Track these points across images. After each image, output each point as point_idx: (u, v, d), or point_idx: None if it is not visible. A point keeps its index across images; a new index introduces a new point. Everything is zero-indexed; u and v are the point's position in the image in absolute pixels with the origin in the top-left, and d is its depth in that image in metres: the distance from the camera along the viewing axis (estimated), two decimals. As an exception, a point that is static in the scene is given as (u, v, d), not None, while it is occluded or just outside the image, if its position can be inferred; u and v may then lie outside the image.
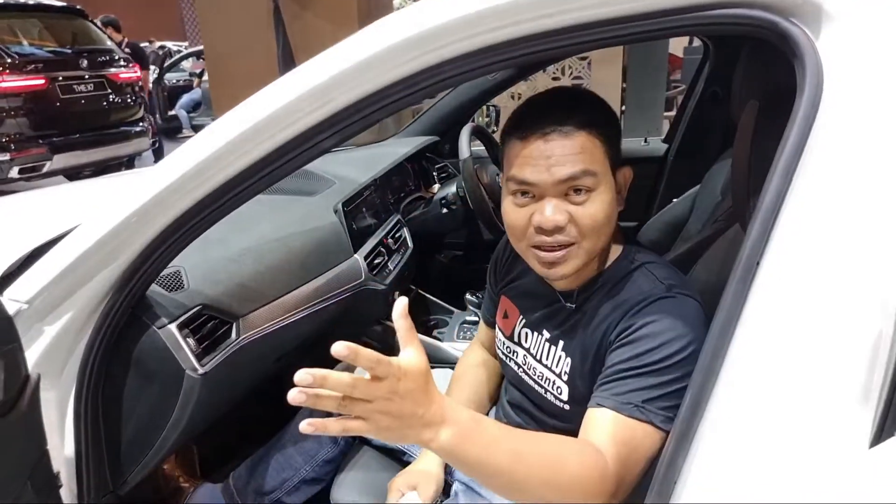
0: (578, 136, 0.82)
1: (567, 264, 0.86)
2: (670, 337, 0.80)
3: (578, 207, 0.83)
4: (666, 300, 0.84)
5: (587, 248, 0.85)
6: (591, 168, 0.82)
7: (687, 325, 0.81)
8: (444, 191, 2.02)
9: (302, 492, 1.33)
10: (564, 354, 0.93)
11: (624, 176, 0.90)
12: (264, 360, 1.29)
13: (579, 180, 0.82)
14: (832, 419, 0.59)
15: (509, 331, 1.06)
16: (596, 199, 0.83)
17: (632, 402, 0.78)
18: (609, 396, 0.80)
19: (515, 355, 1.05)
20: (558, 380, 0.94)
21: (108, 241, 0.83)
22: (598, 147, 0.83)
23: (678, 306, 0.83)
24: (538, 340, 0.99)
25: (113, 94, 5.56)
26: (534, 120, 0.84)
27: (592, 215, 0.83)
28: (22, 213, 1.61)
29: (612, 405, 0.79)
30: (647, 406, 0.78)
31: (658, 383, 0.79)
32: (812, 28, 0.62)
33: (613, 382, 0.81)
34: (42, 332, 0.87)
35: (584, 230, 0.83)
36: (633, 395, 0.79)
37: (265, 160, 0.80)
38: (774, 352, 0.62)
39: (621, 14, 0.68)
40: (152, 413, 1.01)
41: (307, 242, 1.42)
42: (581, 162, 0.81)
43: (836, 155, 0.60)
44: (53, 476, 0.84)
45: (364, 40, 0.74)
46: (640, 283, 0.87)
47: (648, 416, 0.77)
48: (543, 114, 0.84)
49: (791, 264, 0.61)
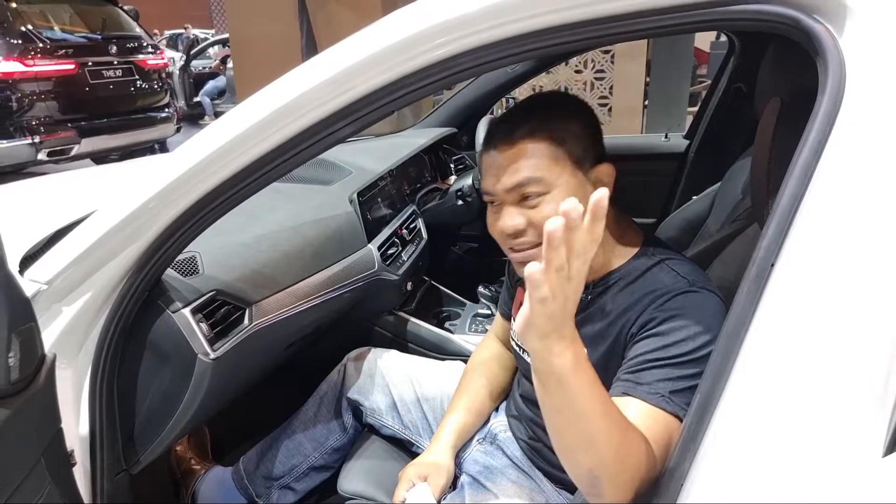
0: (521, 144, 0.85)
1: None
2: (695, 331, 0.80)
3: (532, 211, 0.86)
4: (690, 294, 0.84)
5: None
6: (535, 175, 0.85)
7: (711, 321, 0.80)
8: (460, 182, 2.01)
9: (310, 478, 1.35)
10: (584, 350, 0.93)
11: (604, 173, 0.89)
12: (276, 347, 1.31)
13: (525, 187, 0.85)
14: (845, 426, 0.58)
15: None
16: (550, 202, 0.85)
17: (660, 392, 0.78)
18: (636, 386, 0.80)
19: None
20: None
21: (126, 225, 0.85)
22: (546, 153, 0.85)
23: (702, 301, 0.83)
24: None
25: (140, 80, 5.65)
26: (492, 132, 0.90)
27: (545, 218, 0.82)
28: (47, 196, 1.64)
29: (640, 395, 0.78)
30: (673, 398, 0.77)
31: (683, 376, 0.78)
32: (835, 25, 0.60)
33: (640, 373, 0.81)
34: (60, 312, 0.88)
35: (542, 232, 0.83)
36: (661, 386, 0.78)
37: (282, 148, 0.80)
38: (787, 355, 0.61)
39: (643, 8, 0.67)
40: (165, 395, 1.03)
41: (322, 231, 1.43)
42: (524, 170, 0.85)
43: (856, 156, 0.59)
44: (67, 454, 0.86)
45: (384, 29, 0.74)
46: (661, 278, 0.87)
47: (674, 408, 0.77)
48: (499, 126, 0.90)
49: (806, 267, 0.60)
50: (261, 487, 1.36)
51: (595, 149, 0.89)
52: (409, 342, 1.71)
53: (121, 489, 1.00)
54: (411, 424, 1.28)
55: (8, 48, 4.65)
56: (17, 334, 0.68)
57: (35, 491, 0.75)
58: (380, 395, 1.32)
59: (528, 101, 0.94)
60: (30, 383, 0.73)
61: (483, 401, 1.18)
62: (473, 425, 1.18)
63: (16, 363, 0.68)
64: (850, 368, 0.58)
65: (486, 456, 1.13)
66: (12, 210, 1.40)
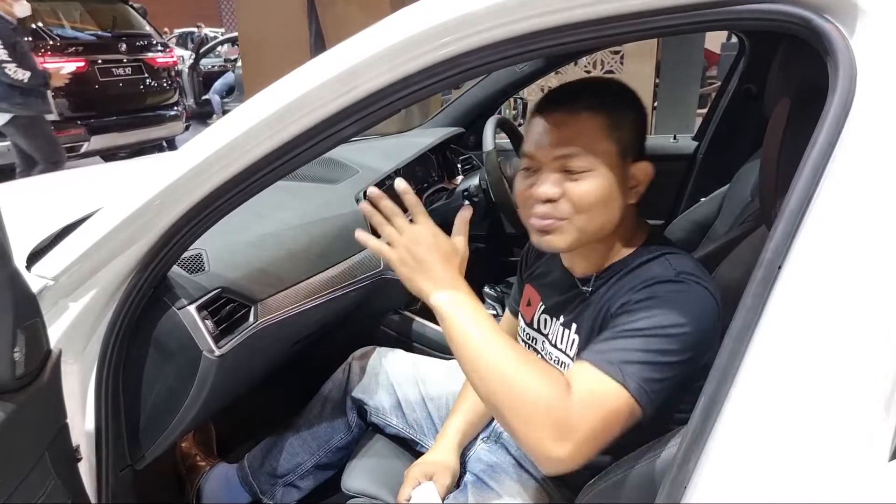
0: (581, 117, 0.86)
1: (557, 235, 0.89)
2: (666, 312, 0.80)
3: (572, 184, 0.86)
4: (672, 283, 0.84)
5: (578, 226, 0.87)
6: (586, 149, 0.85)
7: (687, 309, 0.80)
8: (467, 183, 2.01)
9: (314, 476, 1.35)
10: (577, 337, 0.94)
11: (642, 171, 0.90)
12: (281, 345, 1.31)
13: (573, 159, 0.85)
14: (851, 430, 0.58)
15: (530, 318, 1.07)
16: (591, 179, 0.85)
17: (611, 360, 0.78)
18: (591, 353, 0.80)
19: (535, 342, 1.05)
20: (571, 362, 0.95)
21: (132, 221, 0.85)
22: (601, 132, 0.86)
23: (684, 291, 0.83)
24: (554, 326, 1.00)
25: (149, 78, 5.68)
26: (550, 99, 0.90)
27: (584, 193, 0.86)
28: (56, 192, 1.65)
29: (590, 359, 0.79)
30: (624, 367, 0.77)
31: (641, 349, 0.78)
32: (846, 25, 0.59)
33: (601, 343, 0.81)
34: (67, 308, 0.89)
35: (577, 206, 0.86)
36: (614, 355, 0.78)
37: (288, 146, 0.80)
38: (793, 358, 0.60)
39: (652, 7, 0.66)
40: (170, 392, 1.03)
41: (328, 230, 1.43)
42: (577, 142, 0.85)
43: (866, 157, 0.58)
44: (72, 449, 0.86)
45: (390, 27, 0.74)
46: (651, 267, 0.88)
47: (623, 377, 0.76)
48: (560, 94, 0.90)
49: (814, 269, 0.60)
50: (265, 485, 1.36)
51: (640, 144, 0.91)
52: (414, 342, 1.71)
53: (125, 485, 1.01)
54: (416, 424, 1.28)
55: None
56: (22, 330, 0.68)
57: (39, 485, 0.75)
58: (384, 394, 1.32)
59: (591, 80, 0.95)
60: (35, 378, 0.73)
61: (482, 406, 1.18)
62: (478, 425, 1.18)
63: (21, 358, 0.68)
64: (857, 372, 0.58)
65: (490, 454, 1.13)
66: (21, 206, 1.41)
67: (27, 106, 3.98)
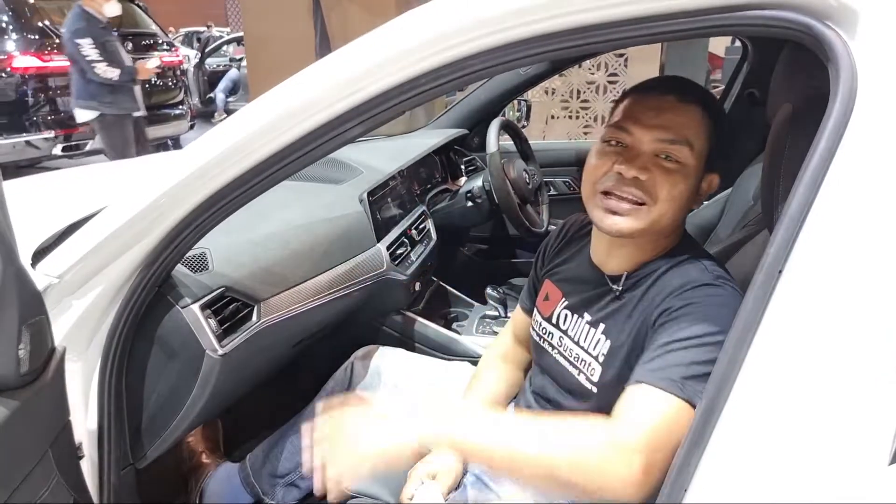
0: (694, 109, 0.85)
1: (628, 219, 0.86)
2: (711, 318, 0.79)
3: (663, 171, 0.84)
4: (711, 287, 0.83)
5: (653, 216, 0.85)
6: (691, 142, 0.84)
7: (729, 313, 0.79)
8: (471, 184, 2.01)
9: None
10: (605, 337, 0.93)
11: (710, 182, 0.90)
12: (284, 344, 1.32)
13: (675, 147, 0.84)
14: (851, 433, 0.58)
15: (548, 312, 1.06)
16: (681, 174, 0.85)
17: (670, 377, 0.77)
18: (648, 372, 0.79)
19: (551, 336, 1.05)
20: (594, 362, 0.94)
21: (137, 220, 0.86)
22: (704, 131, 0.85)
23: (723, 295, 0.83)
24: (578, 323, 0.99)
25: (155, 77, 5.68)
26: (658, 83, 0.89)
27: (672, 184, 0.84)
28: (61, 190, 1.66)
29: (650, 380, 0.78)
30: (685, 383, 0.76)
31: (697, 361, 0.77)
32: (847, 32, 0.60)
33: (654, 360, 0.80)
34: (71, 305, 0.89)
35: (660, 195, 0.84)
36: (673, 371, 0.77)
37: (293, 146, 0.81)
38: (793, 362, 0.60)
39: (656, 12, 0.66)
40: (172, 390, 1.04)
41: (331, 230, 1.44)
42: (685, 132, 0.84)
43: (867, 163, 0.58)
44: (75, 447, 0.87)
45: (396, 30, 0.74)
46: (688, 270, 0.87)
47: (688, 393, 0.75)
48: (670, 81, 0.89)
49: (814, 273, 0.60)
50: (267, 485, 1.36)
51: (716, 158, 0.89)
52: (417, 342, 1.71)
53: (127, 483, 1.01)
54: (418, 423, 1.28)
55: (25, 43, 4.71)
56: (27, 327, 0.69)
57: (42, 482, 0.76)
58: (386, 392, 1.32)
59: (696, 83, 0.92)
60: (39, 376, 0.74)
61: (495, 399, 1.18)
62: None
63: (26, 355, 0.69)
64: (857, 376, 0.58)
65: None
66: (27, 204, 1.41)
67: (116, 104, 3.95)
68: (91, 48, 3.78)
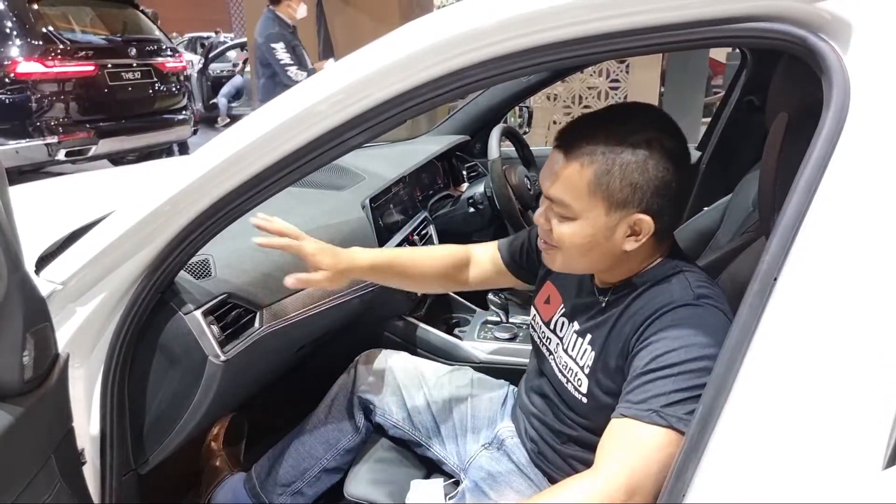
0: (572, 167, 0.84)
1: (550, 258, 0.94)
2: (689, 342, 0.80)
3: (556, 223, 0.89)
4: (690, 307, 0.84)
5: (563, 259, 0.92)
6: (567, 200, 0.85)
7: (709, 335, 0.80)
8: (472, 190, 2.02)
9: (322, 481, 1.35)
10: (590, 348, 0.94)
11: (642, 224, 0.84)
12: (286, 350, 1.32)
13: (556, 205, 0.87)
14: (846, 439, 0.58)
15: (548, 317, 1.07)
16: (572, 225, 0.87)
17: (651, 408, 0.78)
18: (629, 406, 0.80)
19: (549, 342, 1.06)
20: (580, 372, 0.95)
21: (141, 227, 0.86)
22: (585, 185, 0.83)
23: (702, 316, 0.83)
24: (569, 331, 1.00)
25: (159, 83, 5.71)
26: (563, 130, 0.89)
27: (565, 235, 0.88)
28: (65, 197, 1.67)
29: (632, 414, 0.79)
30: (666, 411, 0.77)
31: (677, 388, 0.78)
32: (841, 44, 0.61)
33: (634, 390, 0.81)
34: (74, 312, 0.90)
35: (559, 242, 0.89)
36: (653, 401, 0.78)
37: (296, 154, 0.82)
38: (789, 368, 0.61)
39: (654, 24, 0.67)
40: (175, 396, 1.04)
41: (334, 236, 1.44)
42: (561, 188, 0.86)
43: (859, 173, 0.59)
44: (78, 453, 0.87)
45: (399, 40, 0.75)
46: (672, 288, 0.87)
47: (669, 420, 0.77)
48: (571, 128, 0.88)
49: (809, 281, 0.61)
50: (273, 495, 1.35)
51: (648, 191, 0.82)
52: (419, 347, 1.71)
53: (129, 489, 1.02)
54: (420, 426, 1.29)
55: (29, 49, 4.72)
56: (31, 334, 0.69)
57: (45, 488, 0.77)
58: (390, 395, 1.32)
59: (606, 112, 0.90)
60: (43, 382, 0.74)
61: (430, 260, 1.20)
62: (402, 267, 1.18)
63: (30, 362, 0.70)
64: (851, 382, 0.58)
65: (491, 462, 1.13)
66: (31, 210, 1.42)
67: None
68: (284, 52, 3.83)
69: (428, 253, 1.24)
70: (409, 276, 1.20)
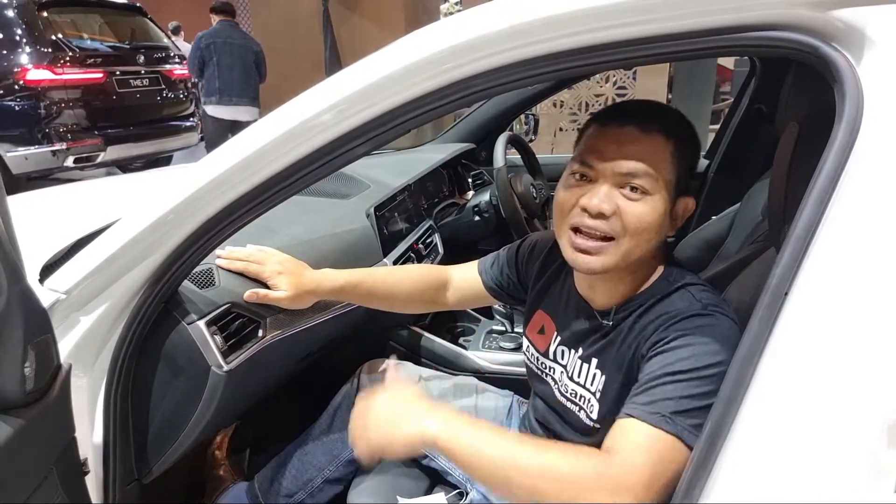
0: (654, 138, 0.83)
1: (599, 257, 0.85)
2: (702, 350, 0.79)
3: (629, 203, 0.83)
4: (701, 317, 0.82)
5: (624, 249, 0.84)
6: (654, 173, 0.82)
7: (720, 344, 0.79)
8: (478, 198, 2.02)
9: (325, 492, 1.34)
10: (599, 372, 0.92)
11: (685, 206, 0.88)
12: (290, 360, 1.31)
13: (638, 178, 0.82)
14: (858, 460, 0.57)
15: (544, 347, 1.05)
16: (649, 203, 0.83)
17: (660, 412, 0.76)
18: (637, 406, 0.79)
19: (553, 371, 1.03)
20: (592, 398, 0.93)
21: (145, 236, 0.86)
22: (668, 158, 0.84)
23: (713, 324, 0.82)
24: (572, 357, 0.98)
25: (166, 90, 5.75)
26: (619, 111, 0.87)
27: (640, 215, 0.83)
28: (70, 205, 1.67)
29: (639, 415, 0.77)
30: (675, 418, 0.75)
31: (688, 395, 0.77)
32: (854, 54, 0.60)
33: (643, 393, 0.80)
34: (78, 321, 0.90)
35: (628, 227, 0.83)
36: (662, 405, 0.77)
37: (300, 164, 0.81)
38: (800, 385, 0.60)
39: (661, 32, 0.67)
40: (178, 406, 1.04)
41: (338, 245, 1.44)
42: (646, 162, 0.82)
43: (873, 185, 0.58)
44: (79, 464, 0.87)
45: (405, 48, 0.75)
46: (676, 301, 0.86)
47: (676, 428, 0.75)
48: (630, 109, 0.87)
49: (821, 296, 0.59)
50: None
51: (688, 181, 0.88)
52: (423, 357, 1.71)
53: (132, 498, 1.01)
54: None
55: (38, 56, 4.76)
56: (33, 346, 0.69)
57: (47, 500, 0.76)
58: None
59: (657, 103, 0.91)
60: (45, 394, 0.74)
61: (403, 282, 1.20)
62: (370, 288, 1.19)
63: (31, 374, 0.69)
64: (864, 401, 0.57)
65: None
66: (36, 218, 1.43)
67: None
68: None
69: (401, 274, 1.23)
70: (378, 297, 1.20)
